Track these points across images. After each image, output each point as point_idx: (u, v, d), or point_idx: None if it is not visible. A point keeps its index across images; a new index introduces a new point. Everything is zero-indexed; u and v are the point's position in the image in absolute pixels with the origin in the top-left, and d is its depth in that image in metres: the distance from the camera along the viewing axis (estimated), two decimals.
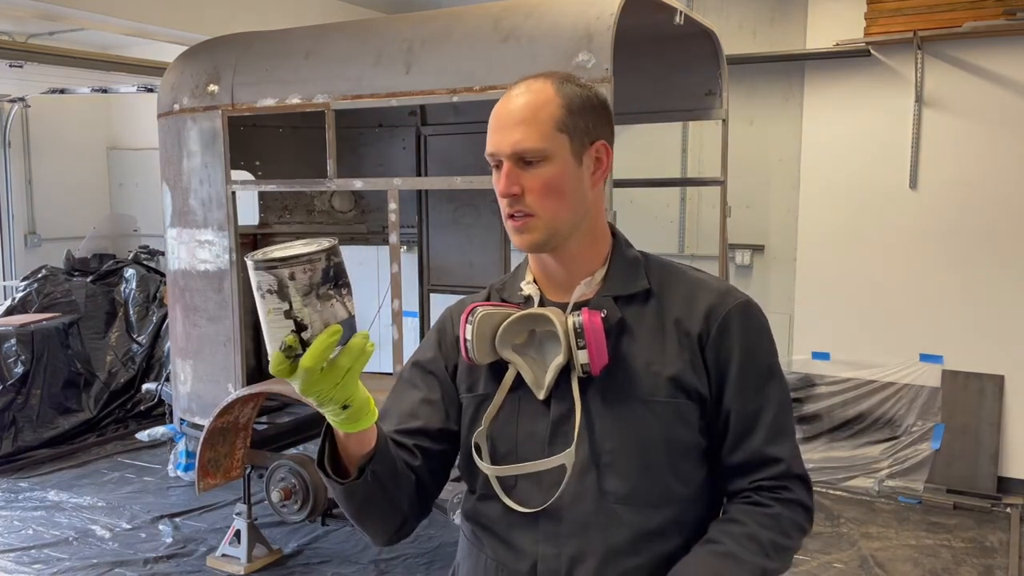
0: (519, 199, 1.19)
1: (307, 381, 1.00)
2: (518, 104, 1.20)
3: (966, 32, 4.38)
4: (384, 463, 1.16)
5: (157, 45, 5.48)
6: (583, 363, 1.17)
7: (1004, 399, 4.57)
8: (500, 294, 1.32)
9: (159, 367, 5.95)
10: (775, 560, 1.17)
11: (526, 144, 1.17)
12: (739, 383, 1.20)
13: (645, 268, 1.26)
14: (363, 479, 1.14)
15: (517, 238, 1.21)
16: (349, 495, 1.16)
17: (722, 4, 5.08)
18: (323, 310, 0.98)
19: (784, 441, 1.23)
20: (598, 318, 1.17)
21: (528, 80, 1.22)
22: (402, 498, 1.22)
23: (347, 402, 1.05)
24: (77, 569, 3.81)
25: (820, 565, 3.77)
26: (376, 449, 1.14)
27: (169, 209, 3.92)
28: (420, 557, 3.88)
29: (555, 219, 1.20)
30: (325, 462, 1.15)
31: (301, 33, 3.75)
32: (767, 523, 1.17)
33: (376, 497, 1.18)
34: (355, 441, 1.13)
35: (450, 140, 5.06)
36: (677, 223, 5.35)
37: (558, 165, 1.19)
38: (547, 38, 3.01)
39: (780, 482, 1.21)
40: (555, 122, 1.18)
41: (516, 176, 1.18)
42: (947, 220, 4.65)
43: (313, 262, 0.97)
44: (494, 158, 1.20)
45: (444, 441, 1.29)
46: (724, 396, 1.20)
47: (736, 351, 1.20)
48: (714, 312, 1.21)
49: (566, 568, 1.18)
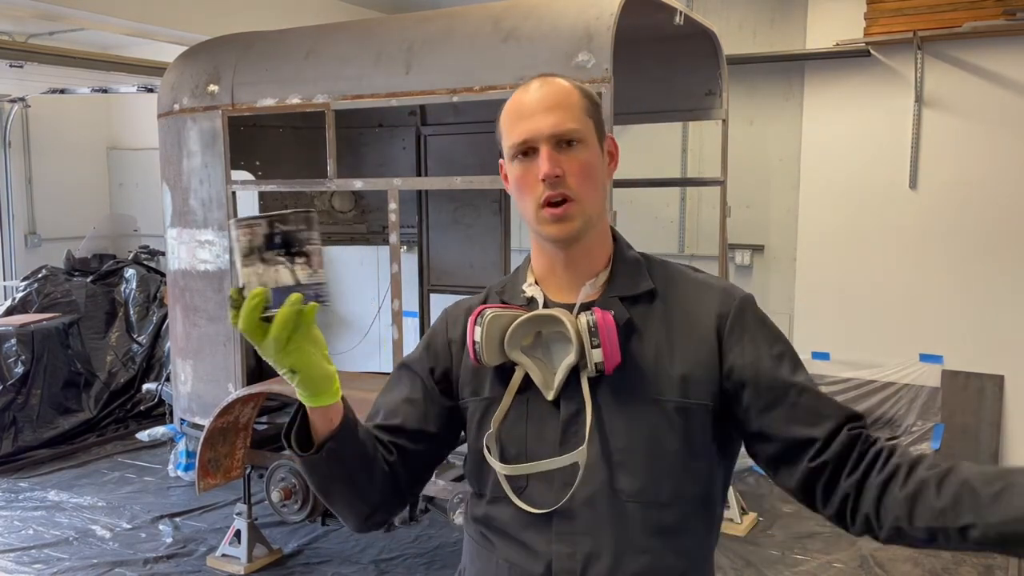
0: (561, 181, 1.18)
1: (253, 342, 1.07)
2: (546, 92, 1.21)
3: (966, 32, 4.38)
4: (347, 445, 1.20)
5: (157, 45, 5.48)
6: (597, 362, 1.17)
7: (1004, 399, 4.57)
8: (501, 296, 1.32)
9: (159, 367, 5.96)
10: None
11: (567, 125, 1.19)
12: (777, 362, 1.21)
13: (647, 269, 1.27)
14: (320, 455, 1.18)
15: (556, 228, 1.20)
16: (309, 469, 1.20)
17: (722, 4, 5.08)
18: (263, 273, 1.07)
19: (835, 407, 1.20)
20: (611, 317, 1.18)
21: (541, 76, 1.24)
22: (370, 487, 1.25)
23: (293, 368, 1.10)
24: (77, 569, 3.81)
25: (820, 565, 3.77)
26: (339, 429, 1.18)
27: (169, 209, 3.92)
28: (420, 557, 3.88)
29: (591, 205, 1.21)
30: (292, 435, 1.19)
31: (301, 33, 3.75)
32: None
33: (338, 477, 1.21)
34: (319, 416, 1.17)
35: (450, 140, 5.06)
36: (677, 223, 5.35)
37: (591, 150, 1.21)
38: (547, 38, 3.01)
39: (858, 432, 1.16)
40: (584, 108, 1.21)
41: (556, 159, 1.18)
42: (947, 220, 4.65)
43: (252, 227, 1.06)
44: (526, 144, 1.20)
45: (420, 441, 1.30)
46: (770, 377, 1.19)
47: (760, 337, 1.22)
48: (724, 308, 1.23)
49: (581, 567, 1.18)
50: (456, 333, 1.32)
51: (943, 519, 1.03)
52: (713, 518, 1.24)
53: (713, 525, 1.25)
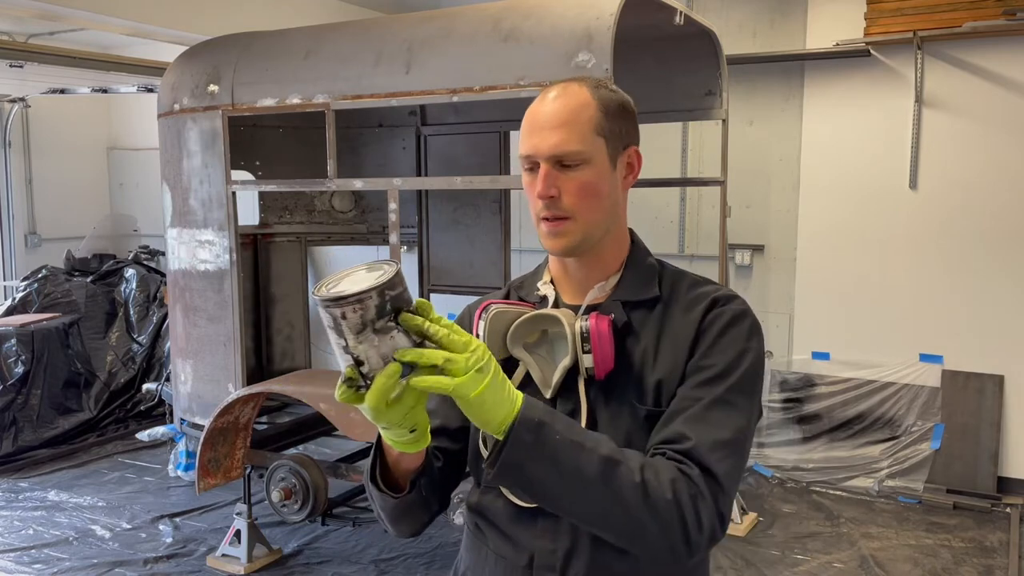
0: (556, 202, 1.19)
1: (373, 415, 1.01)
2: (557, 107, 1.20)
3: (966, 32, 4.38)
4: (431, 475, 1.22)
5: (157, 45, 5.49)
6: (588, 367, 1.19)
7: (1004, 399, 4.58)
8: (518, 292, 1.35)
9: (159, 367, 5.96)
10: (625, 484, 1.06)
11: (567, 147, 1.18)
12: (695, 371, 1.18)
13: (660, 277, 1.28)
14: (416, 491, 1.20)
15: (551, 241, 1.22)
16: (397, 506, 1.21)
17: (722, 4, 5.08)
18: (380, 344, 0.97)
19: (702, 428, 1.12)
20: (605, 324, 1.18)
21: (563, 84, 1.23)
22: (434, 498, 1.28)
23: (414, 427, 1.07)
24: (77, 569, 3.81)
25: (820, 565, 3.78)
26: (426, 464, 1.20)
27: (169, 209, 3.92)
28: (420, 557, 3.88)
29: (590, 223, 1.21)
30: (377, 476, 1.20)
31: (301, 33, 3.75)
32: (640, 459, 1.09)
33: (418, 504, 1.23)
34: (410, 458, 1.17)
35: (450, 140, 5.06)
36: (677, 223, 5.35)
37: (596, 169, 1.20)
38: (547, 38, 3.01)
39: (681, 456, 1.10)
40: (594, 126, 1.19)
41: (554, 178, 1.19)
42: (947, 220, 4.65)
43: (363, 301, 0.95)
44: (530, 160, 1.21)
45: (461, 439, 1.32)
46: (680, 384, 1.18)
47: (707, 343, 1.19)
48: (704, 317, 1.21)
49: (561, 563, 1.20)
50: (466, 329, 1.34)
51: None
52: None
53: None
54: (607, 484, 1.06)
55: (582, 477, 1.06)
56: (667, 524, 1.06)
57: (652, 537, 1.07)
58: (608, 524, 1.09)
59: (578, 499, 1.07)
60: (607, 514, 1.07)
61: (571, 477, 1.05)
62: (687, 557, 1.09)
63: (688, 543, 1.08)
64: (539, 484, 1.06)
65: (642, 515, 1.06)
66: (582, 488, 1.06)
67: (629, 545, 1.11)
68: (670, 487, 1.07)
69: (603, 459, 1.06)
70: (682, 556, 1.09)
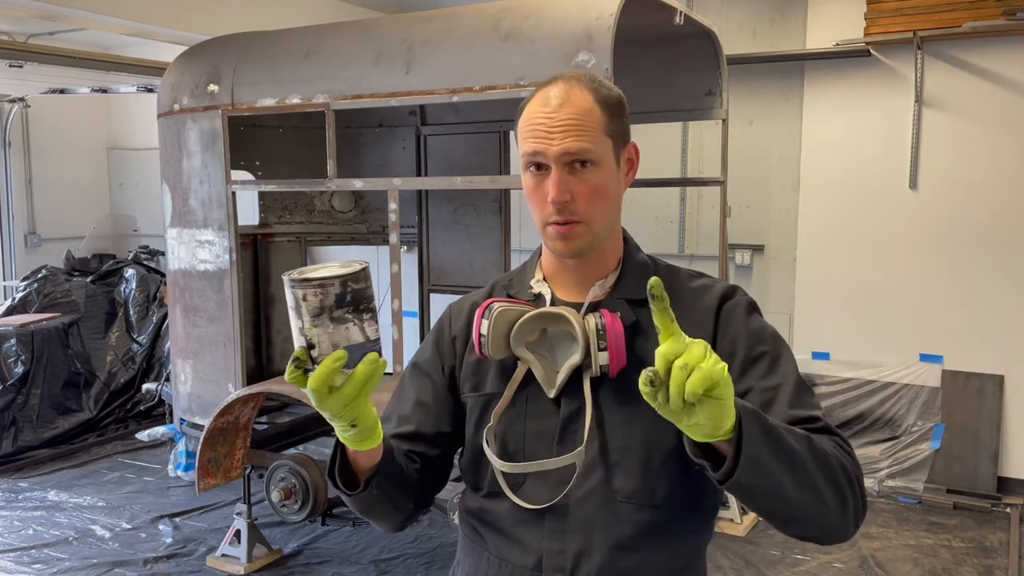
0: (568, 206, 1.18)
1: (316, 399, 1.05)
2: (566, 110, 1.18)
3: (966, 32, 4.38)
4: (389, 474, 1.21)
5: (157, 45, 5.49)
6: (602, 364, 1.17)
7: (1004, 399, 4.58)
8: (508, 290, 1.32)
9: (159, 367, 5.96)
10: (831, 461, 1.07)
11: (581, 146, 1.17)
12: (753, 363, 1.19)
13: (654, 272, 1.27)
14: (368, 490, 1.19)
15: (561, 244, 1.21)
16: (356, 502, 1.23)
17: (722, 4, 5.08)
18: (334, 332, 1.03)
19: (811, 404, 1.16)
20: (619, 321, 1.18)
21: (562, 84, 1.20)
22: (406, 499, 1.28)
23: (355, 422, 1.09)
24: (77, 569, 3.81)
25: (820, 565, 3.78)
26: (383, 464, 1.19)
27: (169, 209, 3.92)
28: (420, 557, 3.88)
29: (599, 225, 1.21)
30: (336, 472, 1.19)
31: (301, 33, 3.75)
32: (821, 438, 1.09)
33: (382, 501, 1.23)
34: (363, 456, 1.17)
35: (450, 140, 5.06)
36: (677, 223, 5.35)
37: (605, 170, 1.19)
38: (547, 38, 3.01)
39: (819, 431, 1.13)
40: (601, 126, 1.19)
41: (566, 182, 1.17)
42: (947, 220, 4.65)
43: (325, 287, 1.02)
44: (535, 157, 1.19)
45: (439, 444, 1.31)
46: (741, 378, 1.18)
47: (744, 336, 1.21)
48: (720, 309, 1.23)
49: (571, 564, 1.19)
50: (458, 328, 1.33)
51: None
52: (706, 518, 1.25)
53: (706, 524, 1.25)
54: (817, 459, 1.04)
55: (798, 456, 1.02)
56: (859, 496, 1.08)
57: (848, 512, 1.07)
58: (819, 504, 1.05)
59: (802, 481, 1.03)
60: (821, 493, 1.04)
61: (792, 459, 1.02)
62: (854, 533, 1.10)
63: (859, 520, 1.10)
64: (776, 473, 1.01)
65: (845, 489, 1.06)
66: (802, 469, 1.03)
67: (821, 526, 1.08)
68: (848, 460, 1.08)
69: (801, 436, 1.04)
70: (852, 533, 1.10)
